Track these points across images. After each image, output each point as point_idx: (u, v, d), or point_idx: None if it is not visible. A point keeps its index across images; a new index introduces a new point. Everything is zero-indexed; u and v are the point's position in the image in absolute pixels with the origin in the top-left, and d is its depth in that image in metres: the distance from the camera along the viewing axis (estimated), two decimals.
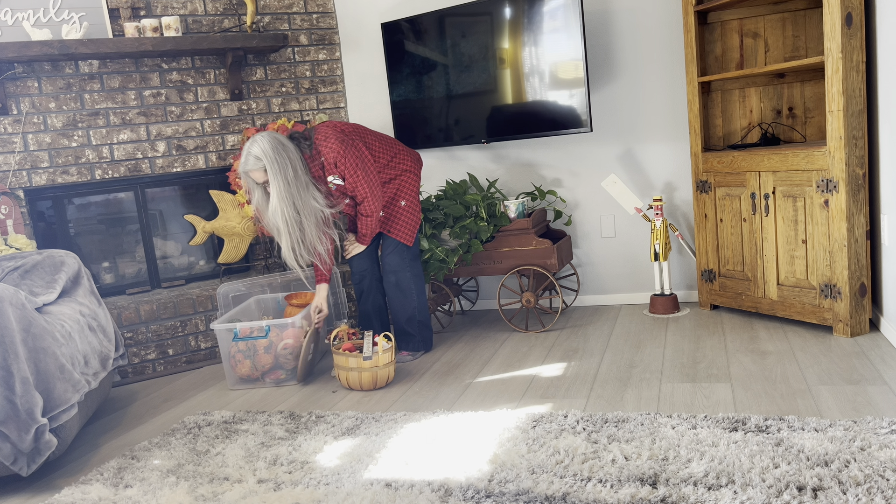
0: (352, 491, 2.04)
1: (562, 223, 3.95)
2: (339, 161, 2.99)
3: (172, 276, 3.90)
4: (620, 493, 1.86)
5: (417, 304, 3.29)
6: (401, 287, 3.26)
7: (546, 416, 2.42)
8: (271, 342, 3.12)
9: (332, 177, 3.05)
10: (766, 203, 3.16)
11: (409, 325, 3.30)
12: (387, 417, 2.59)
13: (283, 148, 2.90)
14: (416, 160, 3.32)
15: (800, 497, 1.75)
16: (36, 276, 2.69)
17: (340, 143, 2.99)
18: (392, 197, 3.24)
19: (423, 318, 3.33)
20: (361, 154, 3.04)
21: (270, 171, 2.87)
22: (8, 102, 3.44)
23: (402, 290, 3.26)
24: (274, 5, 3.97)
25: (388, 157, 3.22)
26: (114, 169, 3.66)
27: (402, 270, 3.25)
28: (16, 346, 2.21)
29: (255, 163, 2.88)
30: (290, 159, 2.91)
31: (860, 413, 2.22)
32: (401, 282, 3.25)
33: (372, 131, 3.24)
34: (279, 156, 2.88)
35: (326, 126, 3.07)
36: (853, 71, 2.82)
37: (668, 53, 3.65)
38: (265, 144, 2.88)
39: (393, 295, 3.28)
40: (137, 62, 3.68)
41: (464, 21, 3.65)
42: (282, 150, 2.89)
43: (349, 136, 3.05)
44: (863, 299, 2.94)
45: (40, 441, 2.24)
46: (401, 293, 3.26)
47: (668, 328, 3.36)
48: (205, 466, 2.33)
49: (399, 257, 3.24)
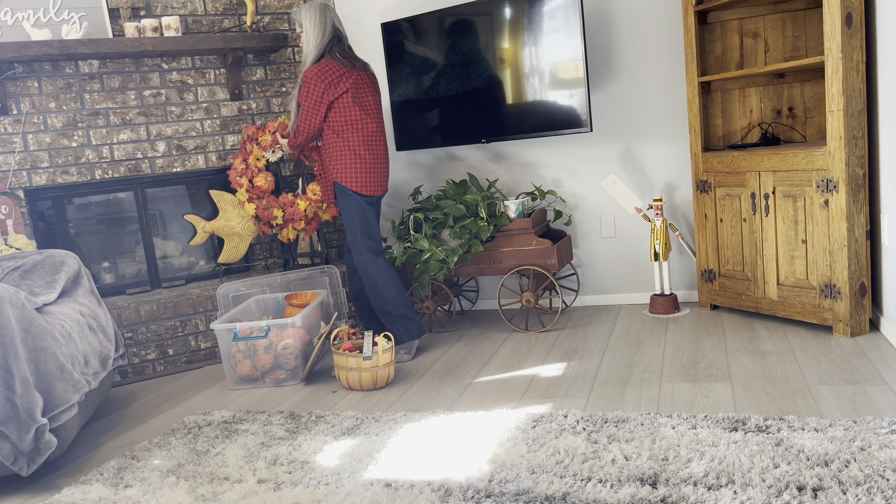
0: (352, 491, 2.04)
1: (562, 223, 3.95)
2: (306, 78, 3.16)
3: (172, 276, 3.90)
4: (620, 493, 1.86)
5: (388, 299, 3.29)
6: (371, 285, 3.31)
7: (546, 416, 2.42)
8: (271, 342, 3.12)
9: None
10: (766, 203, 3.16)
11: (387, 319, 3.32)
12: (387, 417, 2.59)
13: (322, 24, 3.20)
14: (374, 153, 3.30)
15: (800, 497, 1.75)
16: (36, 276, 2.69)
17: (315, 74, 3.16)
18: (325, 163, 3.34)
19: (400, 311, 3.31)
20: (319, 96, 3.17)
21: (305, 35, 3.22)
22: (8, 102, 3.44)
23: (373, 287, 3.31)
24: (274, 5, 3.97)
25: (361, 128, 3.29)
26: (114, 169, 3.66)
27: (367, 270, 3.29)
28: (16, 346, 2.21)
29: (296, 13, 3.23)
30: (318, 38, 3.20)
31: (860, 413, 2.22)
32: (369, 280, 3.30)
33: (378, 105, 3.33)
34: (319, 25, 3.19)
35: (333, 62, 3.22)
36: (853, 71, 2.82)
37: (668, 53, 3.65)
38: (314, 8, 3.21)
39: (369, 293, 3.34)
40: (137, 62, 3.68)
41: (464, 21, 3.65)
42: (320, 23, 3.20)
43: (333, 82, 3.18)
44: (863, 299, 2.94)
45: (40, 441, 2.24)
46: (373, 291, 3.31)
47: (668, 328, 3.36)
48: (205, 466, 2.33)
49: (357, 257, 3.30)
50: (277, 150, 3.68)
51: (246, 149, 3.71)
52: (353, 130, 3.22)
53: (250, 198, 3.69)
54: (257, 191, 3.68)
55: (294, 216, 3.67)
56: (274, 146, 3.66)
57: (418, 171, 4.19)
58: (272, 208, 3.66)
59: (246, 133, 3.75)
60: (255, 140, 3.72)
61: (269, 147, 3.67)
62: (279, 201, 3.69)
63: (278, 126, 3.68)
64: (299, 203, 3.66)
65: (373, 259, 3.28)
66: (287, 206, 3.68)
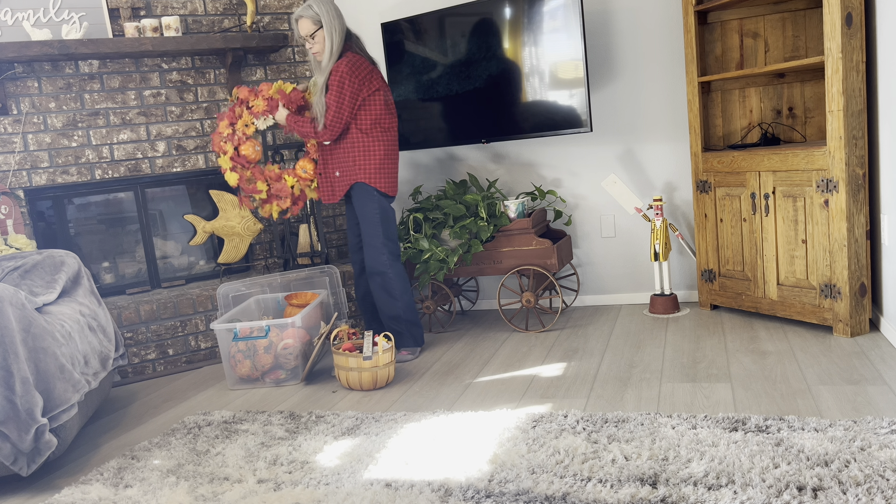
0: (352, 491, 2.04)
1: (562, 223, 3.95)
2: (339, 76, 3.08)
3: (172, 276, 3.91)
4: (620, 493, 1.86)
5: (402, 304, 3.27)
6: (386, 288, 3.25)
7: (546, 416, 2.42)
8: (271, 342, 3.12)
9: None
10: (766, 203, 3.16)
11: (397, 324, 3.30)
12: (387, 417, 2.59)
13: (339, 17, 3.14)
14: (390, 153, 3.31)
15: (800, 497, 1.75)
16: (36, 276, 2.69)
17: (350, 67, 3.09)
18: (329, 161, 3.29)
19: (409, 317, 3.31)
20: (356, 90, 3.11)
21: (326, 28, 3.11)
22: (8, 102, 3.44)
23: (388, 291, 3.26)
24: (274, 5, 3.97)
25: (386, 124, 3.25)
26: (114, 169, 3.66)
27: (385, 272, 3.24)
28: (16, 346, 2.21)
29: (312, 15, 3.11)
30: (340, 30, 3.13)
31: (860, 413, 2.22)
32: (384, 282, 3.25)
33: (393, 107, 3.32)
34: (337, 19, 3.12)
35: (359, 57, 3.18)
36: (853, 71, 2.82)
37: (668, 53, 3.65)
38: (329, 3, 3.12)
39: (378, 295, 3.28)
40: (137, 62, 3.68)
41: (464, 21, 3.65)
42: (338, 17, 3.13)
43: (367, 77, 3.14)
44: (863, 299, 2.94)
45: (40, 441, 2.24)
46: (386, 294, 3.26)
47: (668, 328, 3.36)
48: (205, 466, 2.33)
49: (374, 258, 3.23)
50: (269, 118, 3.35)
51: (235, 112, 3.35)
52: (382, 130, 3.19)
53: (234, 166, 3.35)
54: (243, 160, 3.34)
55: (280, 192, 3.37)
56: (266, 114, 3.32)
57: (418, 171, 4.19)
58: (256, 181, 3.36)
59: (237, 94, 3.38)
60: (247, 104, 3.35)
61: (261, 115, 3.33)
62: (264, 173, 3.39)
63: (276, 91, 3.31)
64: (286, 178, 3.37)
65: (392, 262, 3.25)
66: (273, 180, 3.39)
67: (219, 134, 3.34)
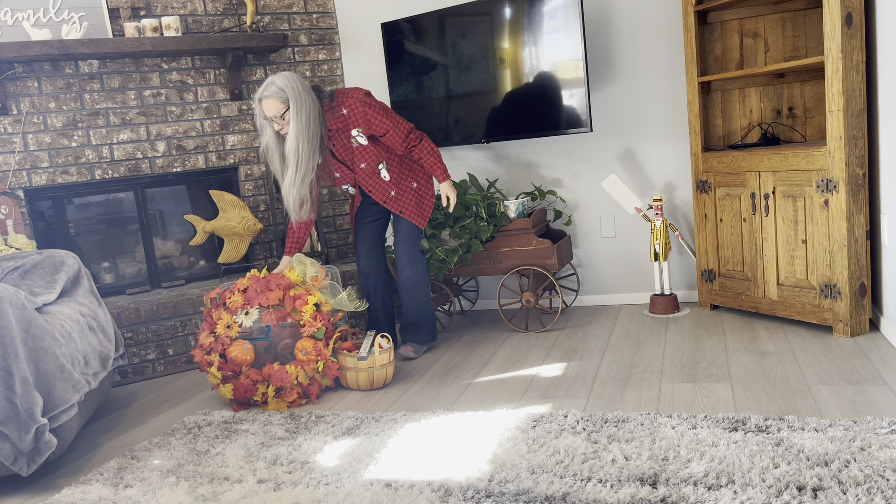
0: (352, 491, 2.04)
1: (562, 223, 3.95)
2: (366, 108, 3.02)
3: (172, 276, 3.91)
4: (620, 493, 1.86)
5: (426, 297, 3.34)
6: (416, 280, 3.29)
7: (546, 416, 2.42)
8: (271, 342, 3.12)
9: (357, 130, 3.07)
10: (766, 203, 3.17)
11: (421, 318, 3.33)
12: (387, 417, 2.59)
13: (307, 90, 2.94)
14: None
15: (800, 497, 1.75)
16: (36, 276, 2.69)
17: (366, 95, 3.07)
18: (406, 175, 3.28)
19: (430, 311, 3.37)
20: (386, 106, 3.12)
21: (294, 105, 2.87)
22: (8, 102, 3.44)
23: (418, 283, 3.29)
24: (274, 5, 3.97)
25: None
26: (114, 169, 3.66)
27: (416, 264, 3.28)
28: (16, 346, 2.21)
29: (278, 93, 2.88)
30: (313, 101, 2.94)
31: (860, 413, 2.22)
32: (416, 276, 3.28)
33: None
34: (305, 92, 2.92)
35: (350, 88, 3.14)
36: (853, 71, 2.82)
37: (668, 53, 3.65)
38: (292, 79, 2.92)
39: (407, 288, 3.29)
40: (137, 62, 3.68)
41: (464, 21, 3.65)
42: (305, 90, 2.93)
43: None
44: (863, 299, 2.94)
45: (40, 441, 2.24)
46: (416, 286, 3.29)
47: (668, 328, 3.36)
48: (205, 466, 2.33)
49: (413, 250, 3.27)
50: (253, 310, 2.95)
51: (212, 317, 2.96)
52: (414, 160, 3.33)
53: (225, 378, 2.88)
54: (232, 365, 2.88)
55: (283, 382, 2.87)
56: (246, 308, 2.94)
57: None
58: (257, 383, 2.89)
59: (207, 300, 3.02)
60: (223, 304, 2.97)
61: (242, 308, 2.94)
62: (262, 373, 2.89)
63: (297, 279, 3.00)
64: (288, 369, 2.87)
65: (422, 254, 3.34)
66: (273, 379, 2.88)
67: (201, 347, 2.93)
